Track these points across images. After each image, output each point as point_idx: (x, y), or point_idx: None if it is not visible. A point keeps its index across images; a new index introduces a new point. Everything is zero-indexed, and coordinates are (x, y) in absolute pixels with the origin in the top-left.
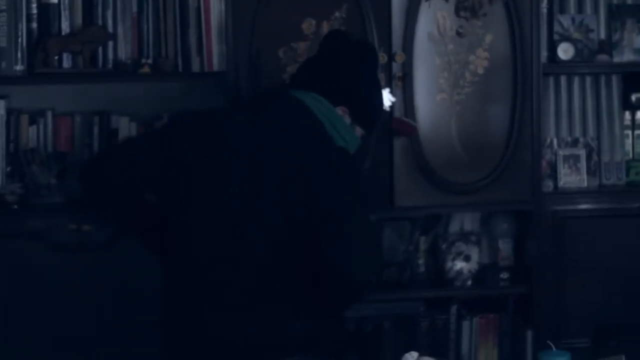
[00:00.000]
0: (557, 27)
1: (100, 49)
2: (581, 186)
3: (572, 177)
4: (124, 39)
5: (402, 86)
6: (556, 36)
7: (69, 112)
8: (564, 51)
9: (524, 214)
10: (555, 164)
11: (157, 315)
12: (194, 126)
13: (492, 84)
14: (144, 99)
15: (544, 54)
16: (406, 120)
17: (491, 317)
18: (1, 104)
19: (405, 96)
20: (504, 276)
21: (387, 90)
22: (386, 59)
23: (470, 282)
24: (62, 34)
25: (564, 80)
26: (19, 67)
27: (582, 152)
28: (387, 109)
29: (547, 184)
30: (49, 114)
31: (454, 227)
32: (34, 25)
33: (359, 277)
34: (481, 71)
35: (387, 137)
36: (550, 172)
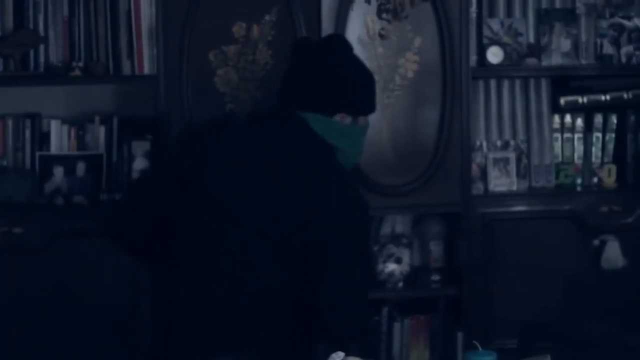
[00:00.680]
0: (487, 31)
1: (31, 52)
2: (511, 189)
3: (502, 180)
4: (55, 42)
5: None
6: (485, 40)
7: (0, 116)
8: (493, 55)
9: (454, 217)
10: (485, 167)
11: (92, 316)
12: (202, 153)
13: (422, 88)
14: (75, 102)
15: (474, 57)
16: None
17: (422, 318)
18: None
19: None
20: (435, 278)
21: None
22: None
23: (401, 284)
24: None
25: (493, 83)
26: None
27: (512, 155)
28: None
29: (478, 187)
30: None
31: (386, 229)
32: None
33: (342, 327)
34: (411, 75)
35: None
36: (480, 175)
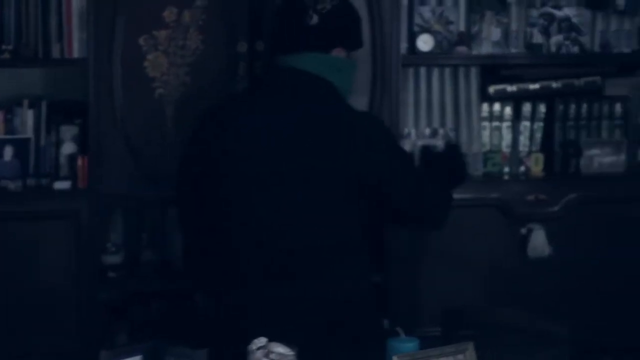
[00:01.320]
0: (418, 18)
1: None
2: None
3: None
4: None
5: None
6: (416, 28)
7: None
8: (424, 42)
9: None
10: (413, 154)
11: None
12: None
13: None
14: (3, 86)
15: (404, 45)
16: None
17: None
18: None
19: None
20: None
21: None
22: (246, 47)
23: None
24: None
25: (423, 71)
26: None
27: (441, 144)
28: None
29: None
30: None
31: None
32: None
33: (440, 216)
34: None
35: None
36: None
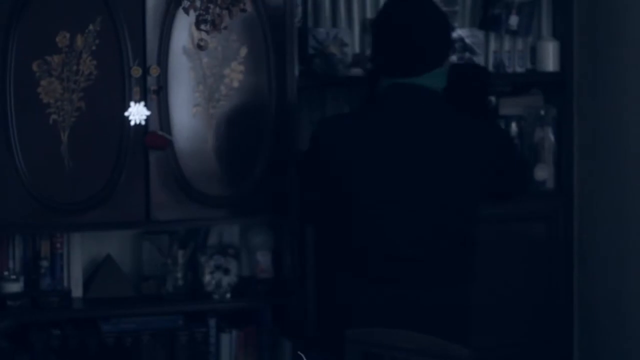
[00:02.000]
0: (312, 41)
1: None
2: None
3: None
4: None
5: (157, 100)
6: (311, 50)
7: None
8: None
9: (281, 227)
10: None
11: None
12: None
13: (248, 97)
14: None
15: (299, 67)
16: (160, 133)
17: (250, 329)
18: None
19: (160, 110)
20: (263, 288)
21: (142, 104)
22: (141, 72)
23: (229, 295)
24: None
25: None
26: None
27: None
28: (142, 123)
29: None
30: None
31: (213, 240)
32: None
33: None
34: (236, 84)
35: (142, 150)
36: None
